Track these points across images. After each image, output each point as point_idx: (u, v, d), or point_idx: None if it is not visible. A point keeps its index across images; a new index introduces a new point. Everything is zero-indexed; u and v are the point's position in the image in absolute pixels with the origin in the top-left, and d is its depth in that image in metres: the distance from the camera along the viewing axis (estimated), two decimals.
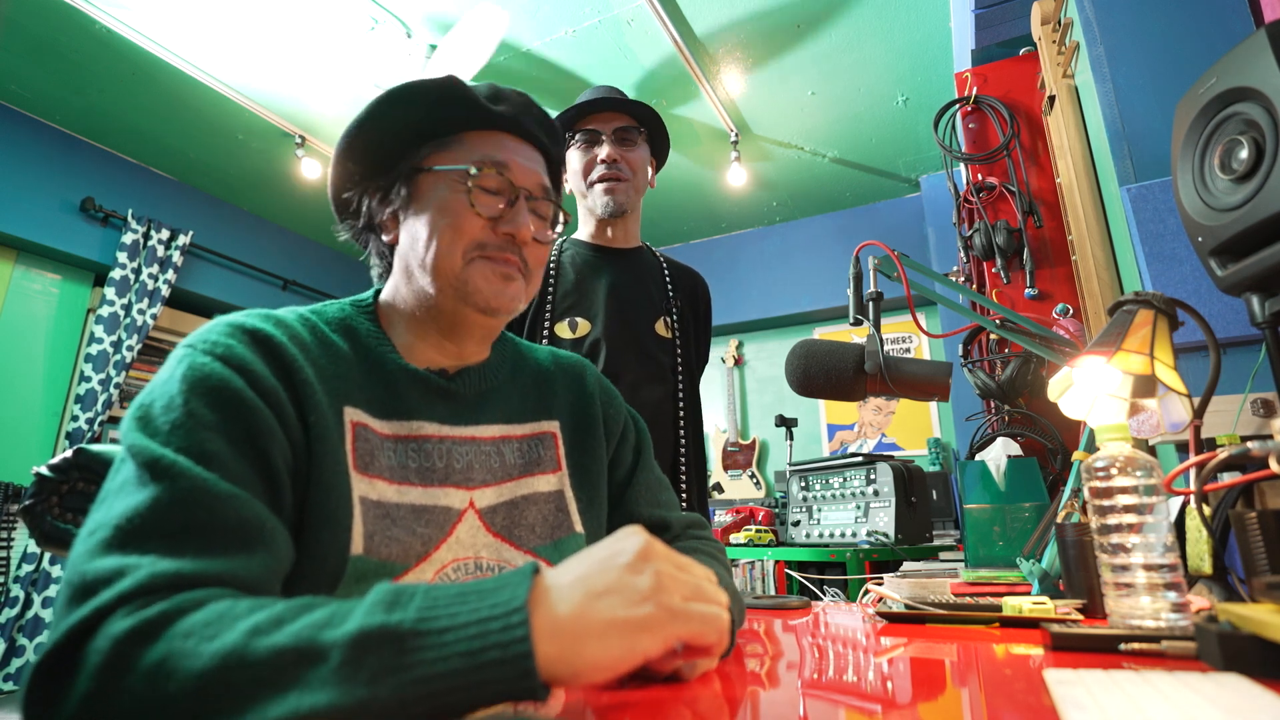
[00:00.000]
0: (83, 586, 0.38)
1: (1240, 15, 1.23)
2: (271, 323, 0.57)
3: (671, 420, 1.30)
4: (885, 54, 2.90)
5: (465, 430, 0.66)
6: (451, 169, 0.65)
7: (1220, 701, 0.37)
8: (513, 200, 0.66)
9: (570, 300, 1.30)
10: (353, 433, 0.58)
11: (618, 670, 0.38)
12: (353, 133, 0.66)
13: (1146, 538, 0.60)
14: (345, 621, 0.35)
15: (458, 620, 0.36)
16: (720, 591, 0.45)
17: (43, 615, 2.95)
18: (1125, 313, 0.79)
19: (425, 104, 0.66)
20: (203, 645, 0.34)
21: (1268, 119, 0.68)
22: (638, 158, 1.35)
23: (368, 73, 2.94)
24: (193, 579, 0.40)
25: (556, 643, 0.37)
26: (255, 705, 0.33)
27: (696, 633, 0.41)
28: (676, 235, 4.64)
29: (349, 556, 0.53)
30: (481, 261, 0.65)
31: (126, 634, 0.35)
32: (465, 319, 0.66)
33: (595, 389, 0.80)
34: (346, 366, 0.61)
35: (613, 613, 0.39)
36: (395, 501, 0.58)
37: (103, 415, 3.22)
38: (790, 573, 2.27)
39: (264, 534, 0.45)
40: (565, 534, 0.68)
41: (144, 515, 0.42)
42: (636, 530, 0.44)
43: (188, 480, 0.44)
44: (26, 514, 0.72)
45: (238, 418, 0.49)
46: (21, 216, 3.09)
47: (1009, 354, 1.61)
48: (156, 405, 0.48)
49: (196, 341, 0.53)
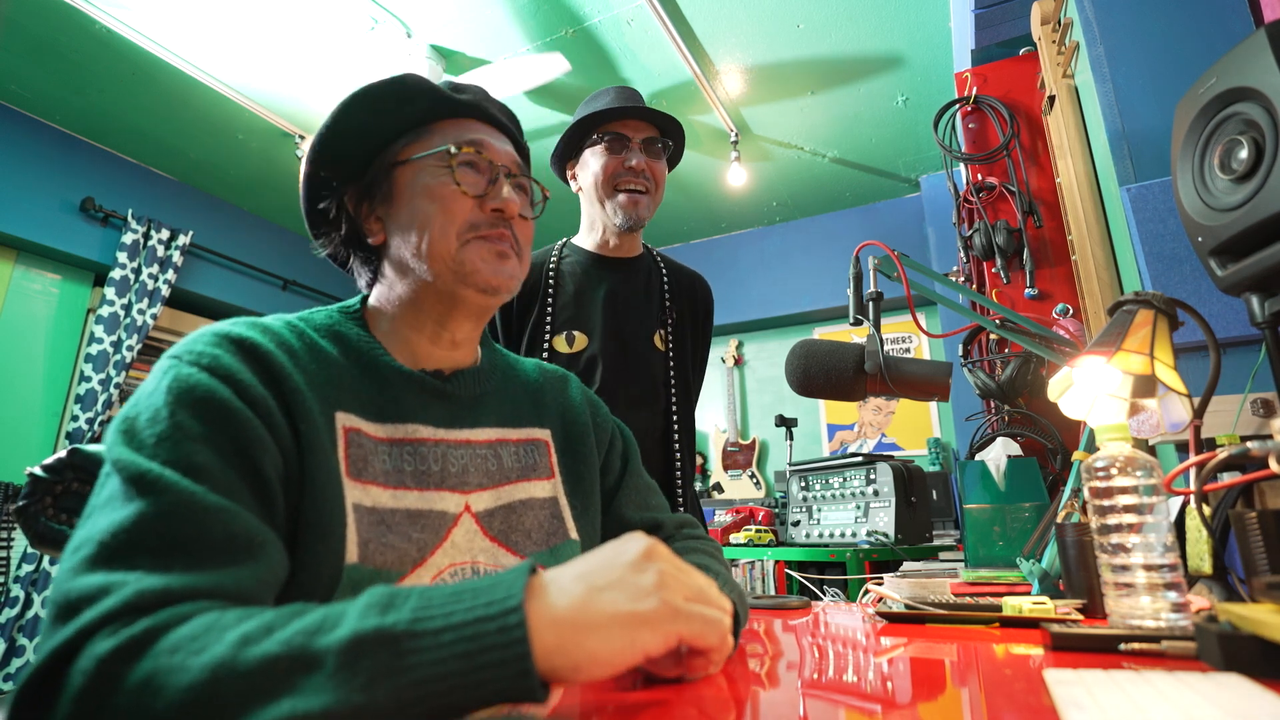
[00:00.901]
0: (67, 605, 0.37)
1: (1240, 15, 1.22)
2: (258, 331, 0.56)
3: (663, 433, 1.29)
4: (885, 54, 2.90)
5: (460, 433, 0.66)
6: (430, 153, 0.66)
7: (1220, 701, 0.37)
8: (494, 178, 0.67)
9: (568, 312, 1.28)
10: (345, 438, 0.57)
11: (618, 665, 0.38)
12: (321, 141, 0.66)
13: (1146, 538, 0.60)
14: (338, 626, 0.35)
15: (453, 620, 0.36)
16: (723, 597, 0.45)
17: (43, 615, 2.94)
18: (1125, 313, 0.79)
19: (389, 101, 0.66)
20: (190, 659, 0.34)
21: (1267, 119, 0.68)
22: (661, 171, 1.32)
23: (368, 73, 2.94)
24: (181, 594, 0.39)
25: (556, 635, 0.36)
26: (248, 715, 0.32)
27: (697, 633, 0.41)
28: (676, 235, 4.64)
29: (344, 565, 0.52)
30: (476, 242, 0.65)
31: (110, 653, 0.34)
32: (464, 301, 0.65)
33: (581, 398, 0.80)
34: (337, 372, 0.60)
35: (615, 606, 0.38)
36: (390, 507, 0.57)
37: (103, 415, 3.21)
38: (790, 573, 2.27)
39: (254, 546, 0.45)
40: (561, 540, 0.68)
41: (129, 530, 0.41)
42: (640, 535, 0.44)
43: (175, 494, 0.42)
44: (20, 514, 0.71)
45: (226, 428, 0.48)
46: (21, 216, 3.09)
47: (1009, 354, 1.61)
48: (142, 418, 0.47)
49: (182, 352, 0.52)
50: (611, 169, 1.27)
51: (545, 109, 3.15)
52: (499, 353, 0.78)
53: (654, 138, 1.30)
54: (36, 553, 2.98)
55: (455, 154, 0.65)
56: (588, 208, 1.36)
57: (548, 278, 1.30)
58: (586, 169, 1.31)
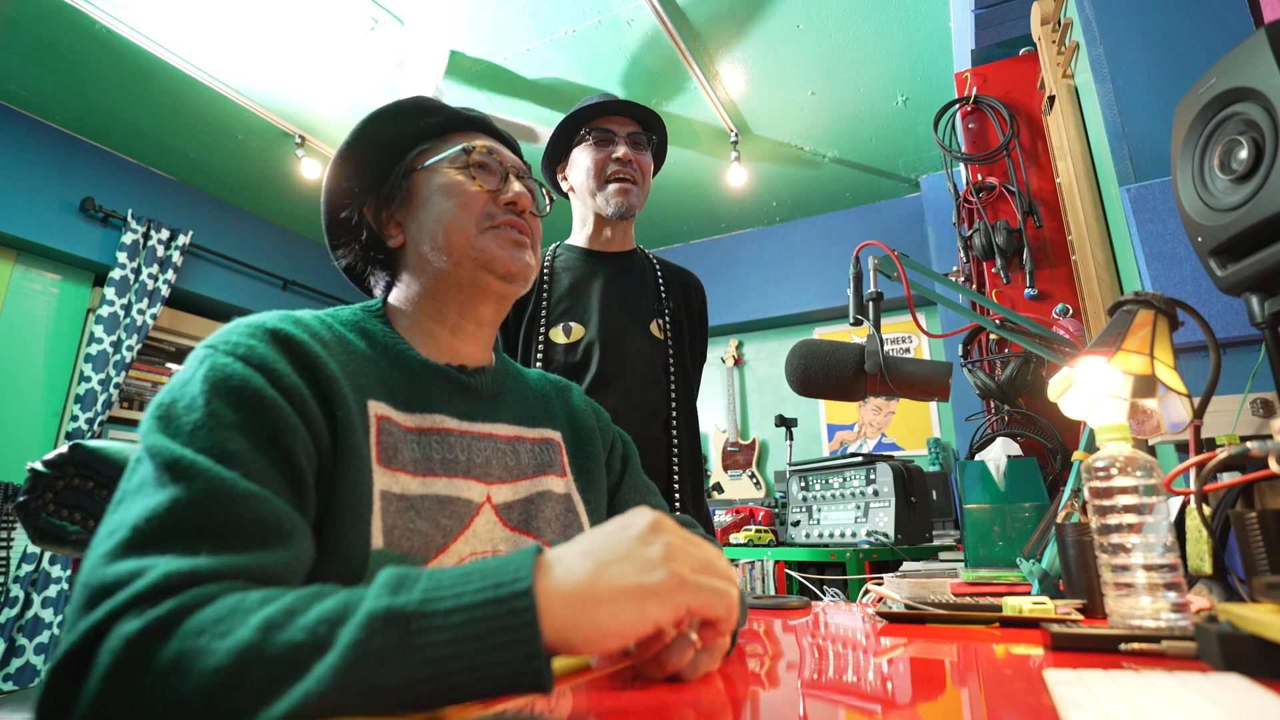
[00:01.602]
0: (100, 588, 0.38)
1: (1240, 15, 1.22)
2: (291, 322, 0.58)
3: (664, 423, 1.30)
4: (885, 54, 2.90)
5: (483, 427, 0.68)
6: (447, 154, 0.71)
7: (1220, 701, 0.37)
8: (505, 176, 0.72)
9: (564, 305, 1.30)
10: (377, 426, 0.58)
11: (628, 637, 0.38)
12: (346, 150, 0.71)
13: (1146, 538, 0.60)
14: (357, 612, 0.35)
15: (463, 601, 0.36)
16: (730, 568, 0.46)
17: (42, 615, 2.95)
18: (1125, 313, 0.79)
19: (409, 115, 0.72)
20: (216, 643, 0.34)
21: (1267, 119, 0.68)
22: (647, 162, 1.37)
23: (368, 73, 2.94)
24: (207, 575, 0.39)
25: (566, 609, 0.37)
26: (272, 700, 0.33)
27: (705, 604, 0.41)
28: (676, 235, 4.64)
29: (370, 551, 0.53)
30: (493, 231, 0.69)
31: (138, 633, 0.35)
32: (485, 289, 0.69)
33: (585, 404, 0.84)
34: (366, 363, 0.62)
35: (624, 579, 0.39)
36: (419, 493, 0.59)
37: (103, 415, 3.22)
38: (790, 573, 2.27)
39: (283, 532, 0.45)
40: (577, 533, 0.70)
41: (162, 516, 0.41)
42: (645, 509, 0.44)
43: (208, 480, 0.43)
44: (21, 510, 0.71)
45: (260, 417, 0.49)
46: (21, 216, 3.09)
47: (1009, 354, 1.61)
48: (178, 405, 0.48)
49: (218, 342, 0.53)
50: (600, 162, 1.32)
51: (546, 109, 3.15)
52: (507, 360, 0.81)
53: (638, 132, 1.36)
54: (36, 553, 2.98)
55: (471, 152, 0.71)
56: (579, 206, 1.40)
57: (542, 275, 1.33)
58: (576, 166, 1.35)
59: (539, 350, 1.27)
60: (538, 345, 1.27)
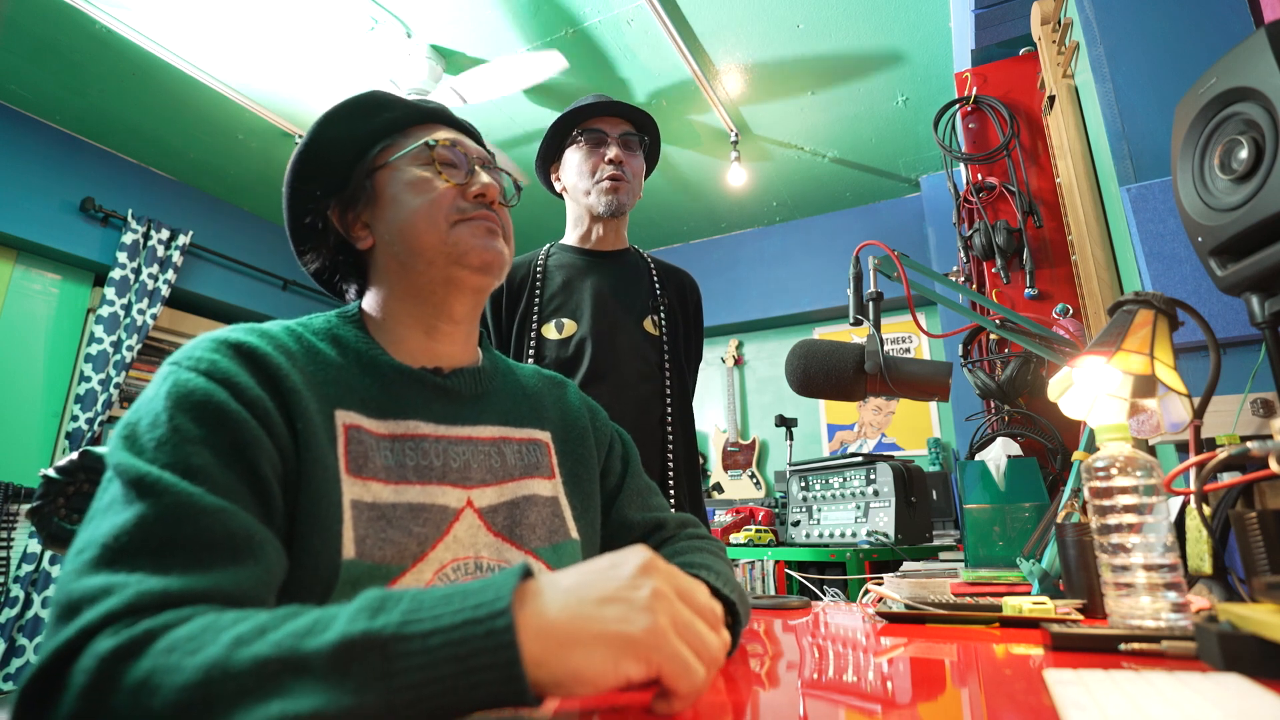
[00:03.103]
0: (69, 606, 0.38)
1: (1240, 15, 1.22)
2: (256, 335, 0.57)
3: (659, 419, 1.30)
4: (885, 54, 2.90)
5: (462, 430, 0.67)
6: (410, 149, 0.69)
7: (1220, 701, 0.37)
8: (470, 169, 0.70)
9: (557, 302, 1.30)
10: (345, 436, 0.58)
11: (600, 687, 0.37)
12: (303, 154, 0.69)
13: (1146, 538, 0.60)
14: (328, 629, 0.35)
15: (441, 623, 0.35)
16: (713, 635, 0.42)
17: (42, 615, 2.94)
18: (1125, 313, 0.79)
19: (365, 112, 0.70)
20: (185, 660, 0.34)
21: (1267, 119, 0.68)
22: (639, 164, 1.38)
23: (368, 73, 2.94)
24: (180, 596, 0.39)
25: (541, 645, 0.36)
26: (238, 715, 0.32)
27: (672, 674, 0.38)
28: (676, 235, 4.64)
29: (341, 561, 0.52)
30: (464, 223, 0.68)
31: (111, 652, 0.35)
32: (459, 284, 0.68)
33: (579, 403, 0.82)
34: (336, 371, 0.61)
35: (604, 626, 0.37)
36: (392, 501, 0.58)
37: (103, 415, 3.21)
38: (790, 573, 2.27)
39: (253, 545, 0.45)
40: (562, 539, 0.69)
41: (130, 533, 0.41)
42: (640, 548, 0.43)
43: (173, 496, 0.43)
44: (34, 515, 0.74)
45: (223, 430, 0.49)
46: (21, 216, 3.09)
47: (1009, 354, 1.61)
48: (142, 423, 0.48)
49: (181, 359, 0.53)
50: (593, 162, 1.33)
51: (545, 109, 3.15)
52: (498, 357, 0.80)
53: (630, 132, 1.36)
54: (36, 553, 2.98)
55: (434, 147, 0.69)
56: (572, 206, 1.40)
57: (535, 273, 1.33)
58: (568, 166, 1.36)
59: (531, 346, 1.27)
60: (529, 341, 1.27)
